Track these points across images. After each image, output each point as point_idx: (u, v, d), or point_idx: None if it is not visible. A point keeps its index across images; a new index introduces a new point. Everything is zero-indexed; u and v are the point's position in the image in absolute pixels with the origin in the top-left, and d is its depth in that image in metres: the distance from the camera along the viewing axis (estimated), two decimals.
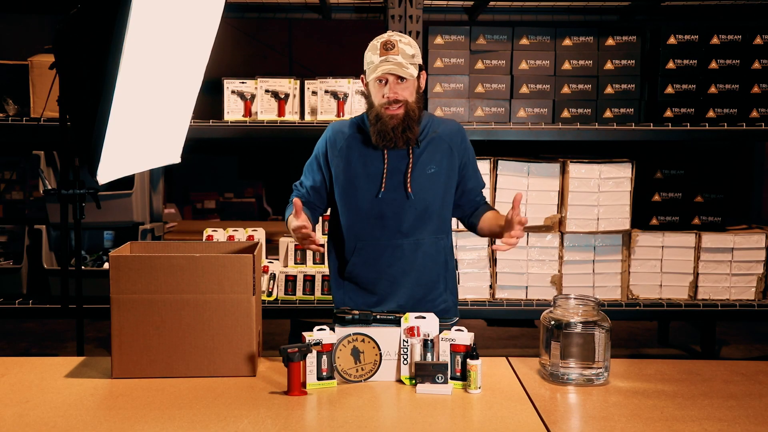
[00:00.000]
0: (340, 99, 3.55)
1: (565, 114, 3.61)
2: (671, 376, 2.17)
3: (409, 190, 2.33)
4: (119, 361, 2.10)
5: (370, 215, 2.36)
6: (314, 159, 2.45)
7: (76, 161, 3.06)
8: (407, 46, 2.27)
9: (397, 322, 2.08)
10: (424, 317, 2.07)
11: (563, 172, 3.56)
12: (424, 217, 2.36)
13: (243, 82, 3.58)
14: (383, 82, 2.27)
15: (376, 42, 2.29)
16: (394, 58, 2.24)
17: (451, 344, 2.05)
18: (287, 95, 3.57)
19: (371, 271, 2.38)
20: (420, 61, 2.33)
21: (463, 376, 2.03)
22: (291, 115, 3.60)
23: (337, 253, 2.47)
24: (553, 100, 3.61)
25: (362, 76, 2.37)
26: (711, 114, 3.59)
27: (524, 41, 3.60)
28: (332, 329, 2.07)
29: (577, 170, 3.54)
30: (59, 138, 2.90)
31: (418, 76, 2.33)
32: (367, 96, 2.36)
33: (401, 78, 2.26)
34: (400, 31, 3.49)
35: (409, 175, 2.33)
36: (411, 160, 2.34)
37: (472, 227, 2.48)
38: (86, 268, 3.61)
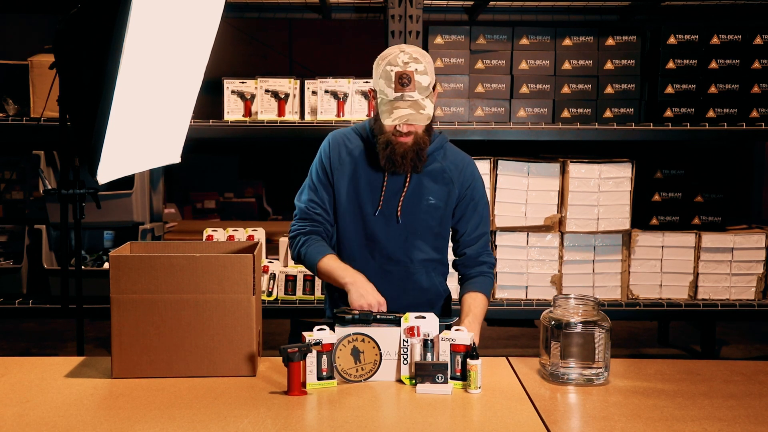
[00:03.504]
0: (340, 99, 3.55)
1: (565, 114, 3.61)
2: (671, 376, 2.17)
3: (399, 214, 2.31)
4: (119, 361, 2.10)
5: (363, 235, 2.33)
6: (321, 171, 2.36)
7: (76, 161, 3.05)
8: (423, 77, 2.15)
9: (397, 322, 2.08)
10: (424, 317, 2.07)
11: (563, 172, 3.56)
12: (415, 246, 2.34)
13: (243, 82, 3.58)
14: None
15: (390, 70, 2.15)
16: (410, 96, 2.14)
17: (451, 344, 2.05)
18: (287, 95, 3.57)
19: None
20: (434, 79, 2.21)
21: (463, 376, 2.03)
22: (291, 115, 3.59)
23: None
24: (553, 100, 3.61)
25: (370, 89, 2.30)
26: (711, 114, 3.59)
27: (524, 41, 3.60)
28: (332, 329, 2.07)
29: (577, 170, 3.54)
30: (59, 138, 2.90)
31: (433, 96, 2.21)
32: (375, 113, 2.27)
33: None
34: (400, 32, 3.50)
35: (402, 198, 2.31)
36: (407, 185, 2.31)
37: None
38: (86, 268, 3.61)
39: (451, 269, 2.49)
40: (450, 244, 2.47)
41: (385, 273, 2.34)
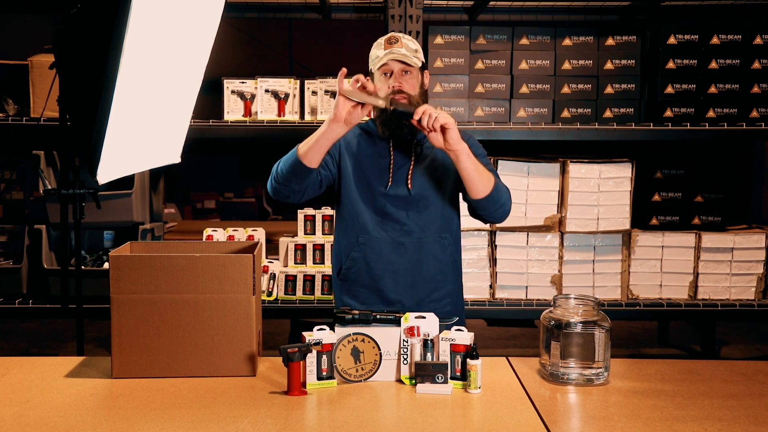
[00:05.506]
0: None
1: (565, 114, 3.61)
2: (671, 376, 2.17)
3: (410, 186, 2.37)
4: (119, 361, 2.10)
5: (374, 211, 2.39)
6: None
7: (76, 161, 3.06)
8: (410, 42, 2.38)
9: (397, 322, 2.08)
10: (424, 317, 2.07)
11: (563, 172, 3.56)
12: (426, 215, 2.39)
13: (243, 82, 3.58)
14: (388, 75, 2.35)
15: (381, 39, 2.39)
16: (398, 50, 2.33)
17: (451, 344, 2.05)
18: (287, 95, 3.57)
19: (373, 267, 2.40)
20: (423, 59, 2.40)
21: (463, 376, 2.03)
22: (291, 115, 3.60)
23: (339, 250, 2.49)
24: (553, 100, 3.61)
25: (367, 78, 2.39)
26: (711, 114, 3.59)
27: (524, 41, 3.60)
28: (332, 329, 2.07)
29: (577, 170, 3.54)
30: (59, 138, 2.90)
31: (422, 74, 2.40)
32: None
33: (405, 71, 2.34)
34: (400, 31, 3.51)
35: (410, 171, 2.38)
36: (413, 157, 2.40)
37: (469, 205, 2.37)
38: (86, 268, 3.61)
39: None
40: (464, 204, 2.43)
41: (398, 245, 2.39)
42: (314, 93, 3.60)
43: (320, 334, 2.04)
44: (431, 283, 2.42)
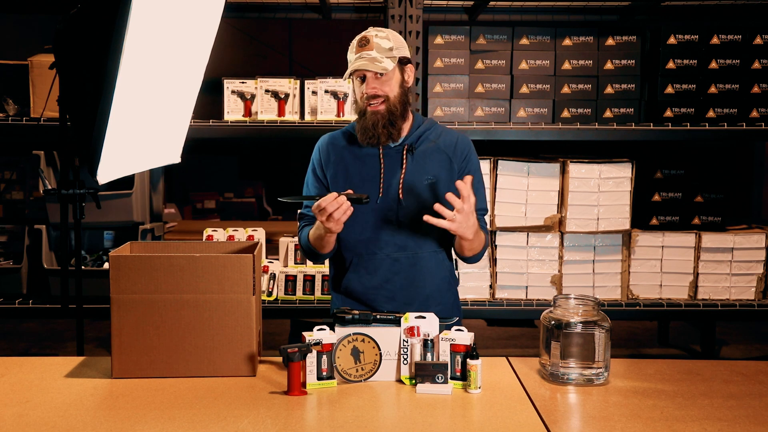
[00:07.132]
0: (340, 99, 3.55)
1: (565, 114, 3.61)
2: (671, 376, 2.17)
3: (401, 196, 2.31)
4: (119, 361, 2.10)
5: (366, 226, 2.33)
6: (313, 176, 2.43)
7: (76, 161, 3.06)
8: (384, 40, 2.24)
9: (397, 322, 2.09)
10: (424, 317, 2.07)
11: (563, 172, 3.56)
12: (421, 229, 2.31)
13: (243, 82, 3.58)
14: (362, 79, 2.27)
15: (354, 41, 2.29)
16: (367, 54, 2.22)
17: (451, 344, 2.05)
18: (287, 95, 3.57)
19: (368, 286, 2.36)
20: (403, 53, 2.28)
21: (463, 376, 2.03)
22: (291, 115, 3.60)
23: (334, 265, 2.46)
24: (553, 100, 3.61)
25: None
26: (711, 114, 3.59)
27: (524, 41, 3.60)
28: (332, 329, 2.07)
29: (577, 170, 3.54)
30: (59, 138, 2.90)
31: (403, 69, 2.30)
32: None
33: (379, 73, 2.24)
34: (400, 31, 3.51)
35: (401, 181, 2.31)
36: (404, 167, 2.32)
37: (455, 248, 2.41)
38: (86, 268, 3.61)
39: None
40: None
41: (393, 261, 2.34)
42: (314, 93, 3.59)
43: (320, 334, 2.04)
44: (427, 300, 2.37)
